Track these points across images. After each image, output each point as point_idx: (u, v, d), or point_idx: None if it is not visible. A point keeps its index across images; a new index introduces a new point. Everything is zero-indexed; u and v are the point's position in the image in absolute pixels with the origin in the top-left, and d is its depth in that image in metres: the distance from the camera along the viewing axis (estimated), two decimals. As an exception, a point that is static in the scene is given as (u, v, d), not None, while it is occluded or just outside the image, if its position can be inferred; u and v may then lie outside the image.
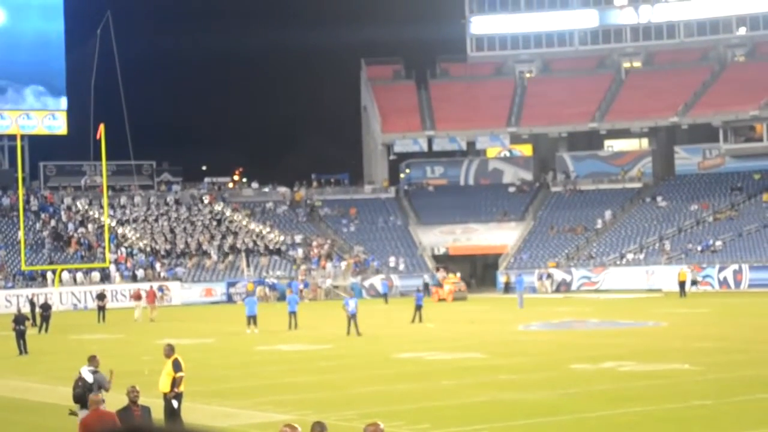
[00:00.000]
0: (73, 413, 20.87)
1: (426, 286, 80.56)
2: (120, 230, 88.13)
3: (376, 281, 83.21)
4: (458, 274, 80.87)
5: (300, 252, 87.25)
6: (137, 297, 64.97)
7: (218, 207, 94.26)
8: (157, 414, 21.17)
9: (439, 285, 77.69)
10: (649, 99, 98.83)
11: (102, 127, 68.51)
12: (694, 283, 75.46)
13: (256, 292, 73.71)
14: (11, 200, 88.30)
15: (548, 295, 79.41)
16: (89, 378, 22.03)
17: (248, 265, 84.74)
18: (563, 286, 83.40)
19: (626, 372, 31.87)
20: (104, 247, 77.87)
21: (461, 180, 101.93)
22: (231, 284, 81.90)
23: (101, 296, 64.34)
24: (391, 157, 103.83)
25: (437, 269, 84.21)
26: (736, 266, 78.34)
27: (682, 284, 71.66)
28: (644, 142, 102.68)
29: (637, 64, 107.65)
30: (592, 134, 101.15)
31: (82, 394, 21.53)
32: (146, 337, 48.04)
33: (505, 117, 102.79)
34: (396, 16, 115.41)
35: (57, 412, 19.22)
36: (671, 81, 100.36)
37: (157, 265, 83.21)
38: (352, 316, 47.45)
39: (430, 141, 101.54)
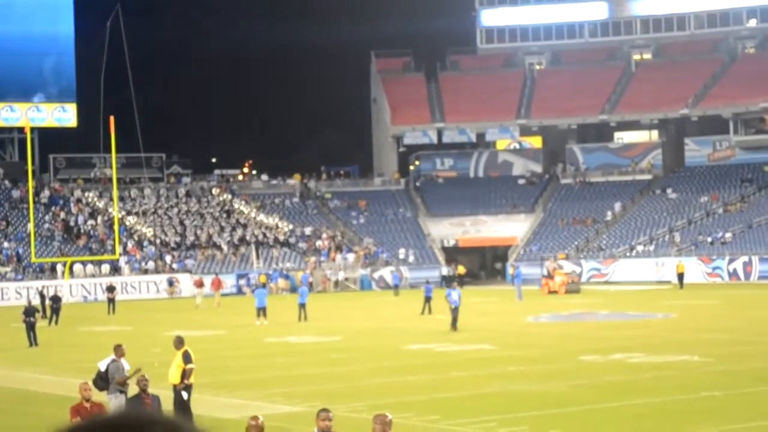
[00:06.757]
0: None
1: (443, 278, 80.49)
2: (130, 222, 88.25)
3: (386, 273, 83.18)
4: (562, 264, 77.21)
5: (308, 243, 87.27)
6: (199, 285, 68.85)
7: (228, 199, 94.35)
8: (167, 406, 21.25)
9: (550, 276, 72.20)
10: (659, 91, 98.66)
11: (112, 119, 68.63)
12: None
13: (267, 284, 73.83)
14: (21, 192, 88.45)
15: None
16: (102, 366, 22.30)
17: (258, 257, 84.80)
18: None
19: (635, 363, 31.86)
20: (114, 239, 77.99)
21: (471, 172, 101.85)
22: (241, 276, 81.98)
23: (111, 288, 64.70)
24: (401, 149, 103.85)
25: (549, 260, 78.40)
26: (746, 258, 78.26)
27: (680, 276, 71.89)
28: (654, 134, 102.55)
29: (647, 55, 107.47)
30: (602, 126, 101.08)
31: (96, 381, 21.88)
32: (156, 329, 48.11)
33: (515, 109, 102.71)
34: (406, 8, 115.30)
35: (66, 404, 19.24)
36: (681, 73, 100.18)
37: (167, 258, 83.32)
38: (455, 309, 44.85)
39: (439, 133, 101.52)
